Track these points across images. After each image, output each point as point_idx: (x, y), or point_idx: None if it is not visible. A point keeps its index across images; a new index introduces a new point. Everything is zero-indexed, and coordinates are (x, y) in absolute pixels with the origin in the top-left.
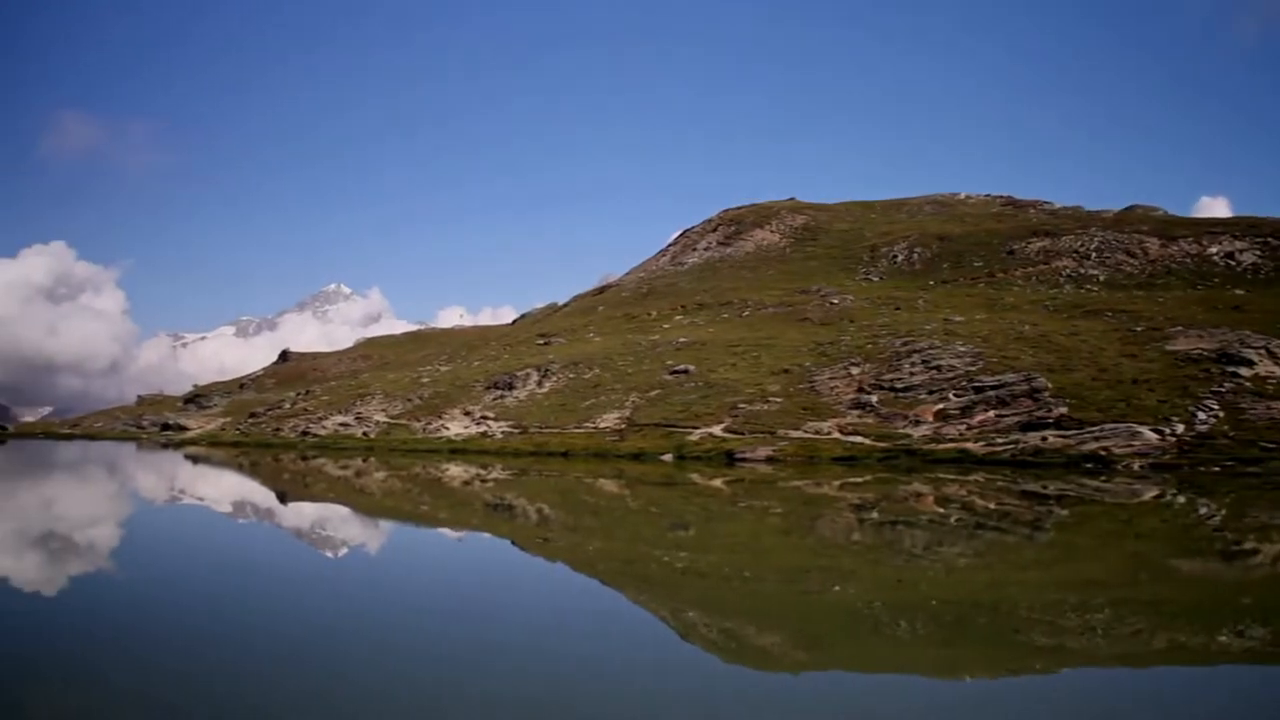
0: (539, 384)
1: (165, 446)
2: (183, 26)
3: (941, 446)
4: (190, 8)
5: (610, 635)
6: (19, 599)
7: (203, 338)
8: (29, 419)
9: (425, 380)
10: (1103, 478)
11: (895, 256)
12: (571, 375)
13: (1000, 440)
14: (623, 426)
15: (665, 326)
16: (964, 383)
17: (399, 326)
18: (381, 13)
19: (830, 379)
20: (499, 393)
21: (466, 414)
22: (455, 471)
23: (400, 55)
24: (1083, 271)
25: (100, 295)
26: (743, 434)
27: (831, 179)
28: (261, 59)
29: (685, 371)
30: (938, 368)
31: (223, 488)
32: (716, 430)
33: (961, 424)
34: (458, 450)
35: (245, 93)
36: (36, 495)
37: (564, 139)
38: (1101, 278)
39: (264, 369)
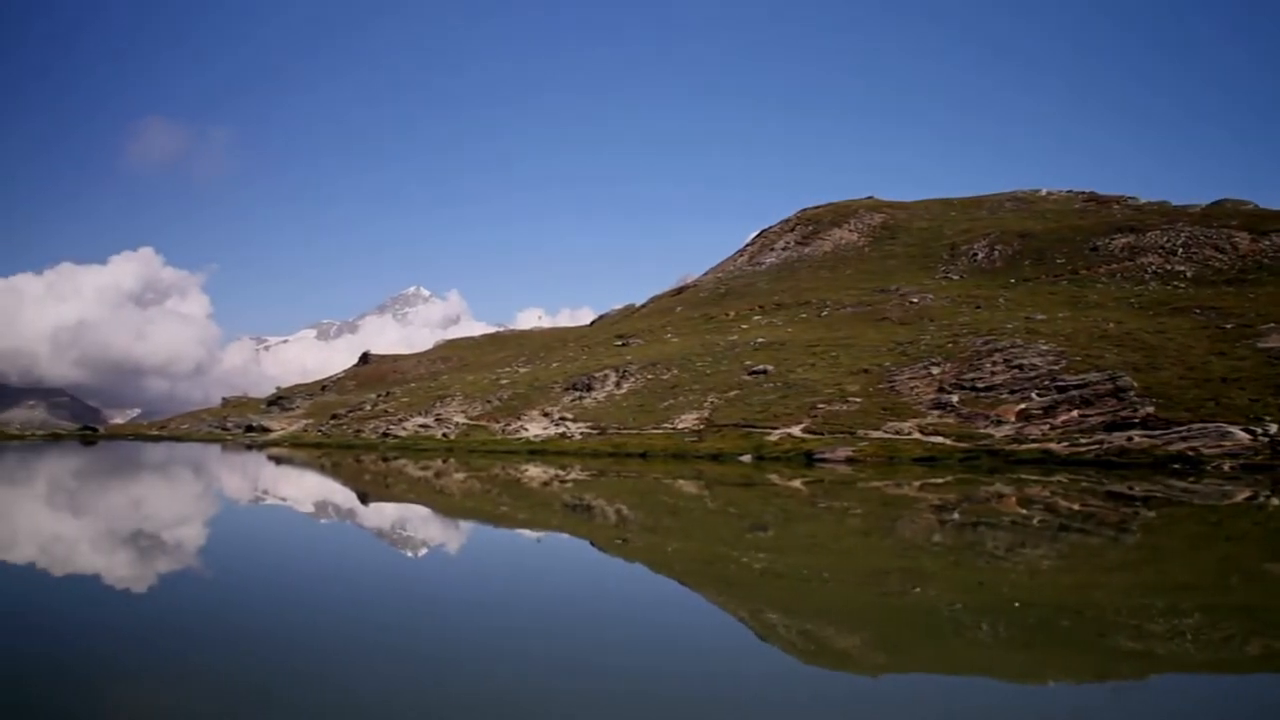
0: (617, 385)
1: (249, 448)
2: (256, 30)
3: (1024, 447)
4: (261, 15)
5: (689, 636)
6: (112, 594)
7: (285, 341)
8: (118, 421)
9: (504, 382)
10: (1191, 479)
11: (975, 254)
12: (650, 376)
13: (1084, 440)
14: (701, 427)
15: (743, 327)
16: (1047, 382)
17: (478, 328)
18: (459, 13)
19: (910, 379)
20: (577, 394)
21: (545, 415)
22: (534, 472)
23: (477, 57)
24: (1169, 268)
25: (186, 300)
26: (822, 434)
27: (910, 176)
28: (336, 63)
29: (764, 372)
30: (1020, 367)
31: (305, 488)
32: (795, 431)
33: (1044, 424)
34: (536, 451)
35: (322, 97)
36: (126, 495)
37: (643, 140)
38: (1189, 274)
39: (345, 371)
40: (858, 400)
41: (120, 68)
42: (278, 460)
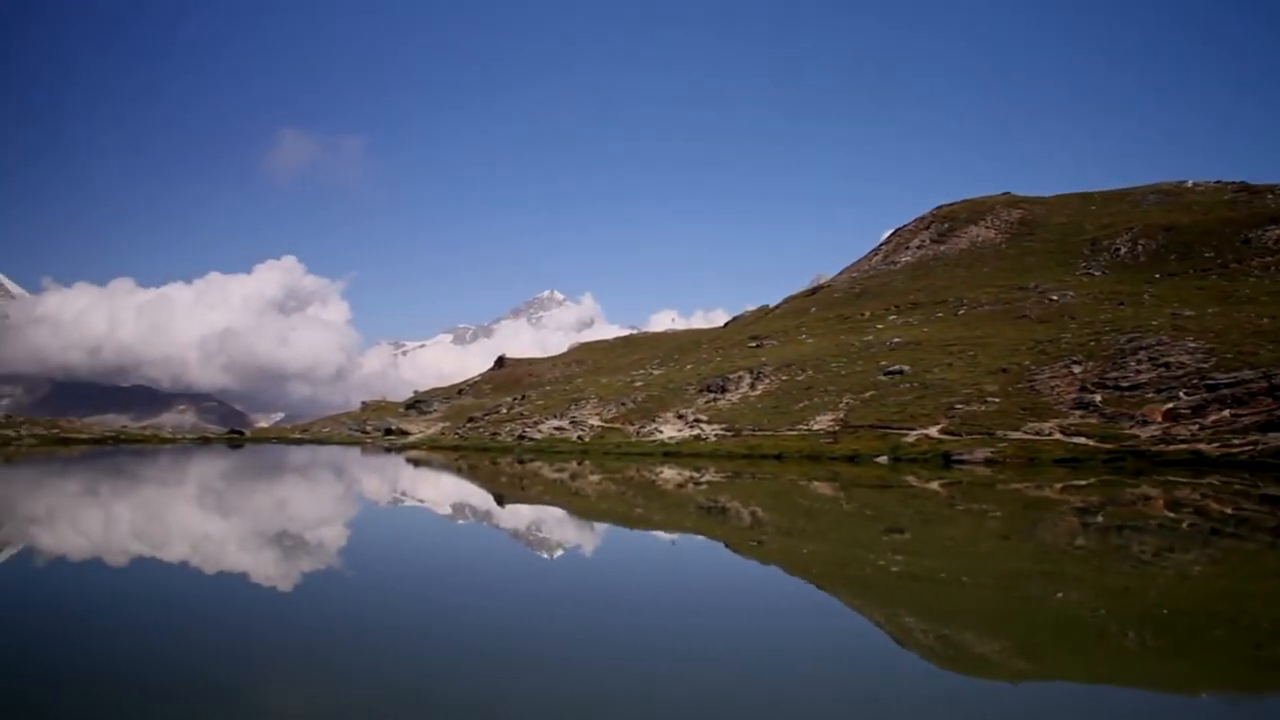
0: (751, 386)
1: (388, 450)
2: (387, 39)
3: (1171, 448)
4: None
5: (825, 639)
6: (261, 592)
7: (422, 345)
8: (263, 424)
9: (638, 384)
10: None
11: (1118, 249)
12: (784, 377)
13: (1237, 441)
14: (836, 428)
15: (878, 327)
16: (1195, 380)
17: (611, 331)
18: (586, 12)
19: (1050, 378)
20: (711, 395)
21: (679, 417)
22: (668, 474)
23: (606, 59)
24: None
25: (327, 307)
26: (959, 435)
27: (1048, 171)
28: (465, 68)
29: (900, 372)
30: (1166, 365)
31: (443, 490)
32: (932, 432)
33: (1194, 424)
34: (671, 453)
35: (452, 104)
36: (275, 495)
37: (774, 138)
38: None
39: (481, 375)
40: (996, 400)
41: (258, 84)
42: (415, 463)
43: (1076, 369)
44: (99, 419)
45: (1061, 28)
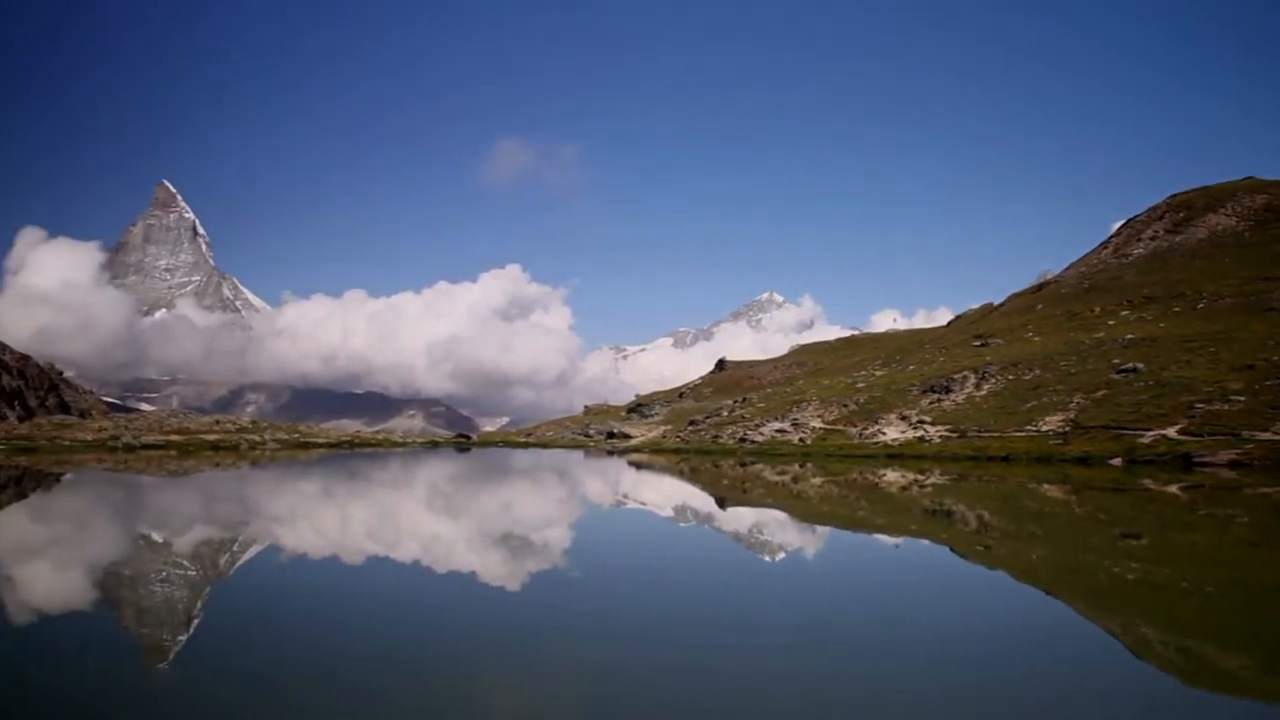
0: (976, 386)
1: (610, 454)
2: (594, 45)
3: None
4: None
5: (1054, 648)
6: (489, 591)
7: (642, 349)
8: (489, 428)
9: (860, 385)
10: None
11: None
12: (1010, 377)
13: None
14: (1066, 429)
15: (1110, 323)
16: None
17: (832, 332)
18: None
19: None
20: (935, 396)
21: (902, 418)
22: (892, 477)
23: (821, 62)
24: None
25: (549, 313)
26: (1201, 436)
27: None
28: (678, 74)
29: (1134, 370)
30: None
31: (664, 492)
32: (1170, 432)
33: None
34: (894, 455)
35: (657, 109)
36: (504, 496)
37: (993, 129)
38: None
39: (701, 378)
40: (1241, 399)
41: (475, 94)
42: (637, 466)
43: None
44: (335, 424)
45: None
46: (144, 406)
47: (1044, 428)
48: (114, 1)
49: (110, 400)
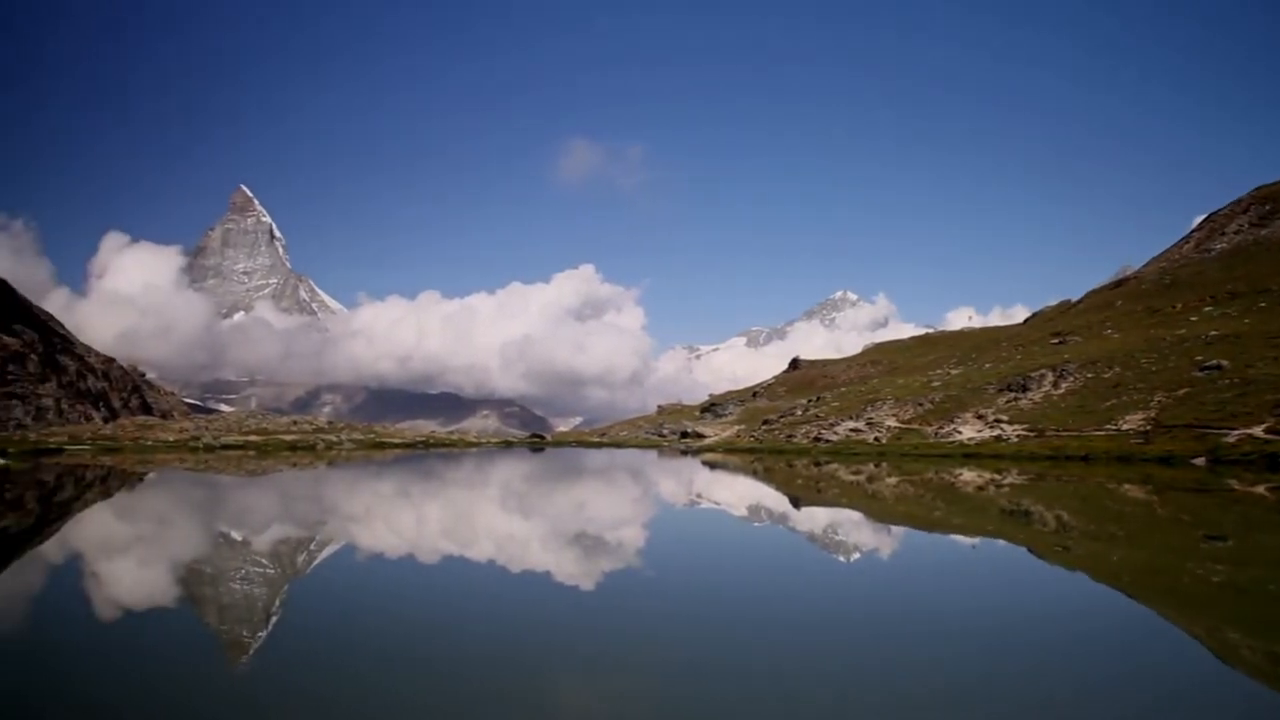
0: (1054, 385)
1: (684, 453)
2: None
3: None
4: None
5: (1135, 652)
6: (563, 590)
7: (715, 349)
8: (562, 428)
9: (935, 384)
10: None
11: None
12: (1089, 375)
13: None
14: (1148, 428)
15: (1192, 319)
16: None
17: (906, 330)
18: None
19: None
20: (1012, 395)
21: (979, 417)
22: (968, 477)
23: (895, 52)
24: None
25: (622, 313)
26: None
27: None
28: (743, 72)
29: (1217, 367)
30: None
31: (737, 492)
32: (1257, 431)
33: None
34: (970, 454)
35: (724, 111)
36: (576, 496)
37: (1071, 123)
38: None
39: (774, 377)
40: None
41: (546, 95)
42: (711, 465)
43: None
44: (409, 424)
45: None
46: (223, 407)
47: (1124, 427)
48: (196, 14)
49: (190, 401)
